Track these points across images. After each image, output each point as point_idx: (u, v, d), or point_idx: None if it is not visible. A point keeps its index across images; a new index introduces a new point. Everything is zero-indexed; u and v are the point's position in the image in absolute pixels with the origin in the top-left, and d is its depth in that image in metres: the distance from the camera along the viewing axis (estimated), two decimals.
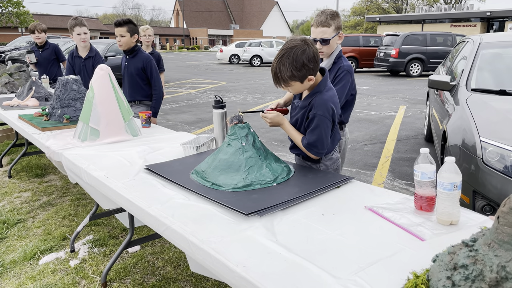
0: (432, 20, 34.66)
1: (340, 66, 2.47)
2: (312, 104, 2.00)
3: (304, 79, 1.92)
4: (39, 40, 5.40)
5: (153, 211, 1.64)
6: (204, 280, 2.51)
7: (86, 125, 2.73)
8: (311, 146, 2.05)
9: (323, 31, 2.42)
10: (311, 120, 2.00)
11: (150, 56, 3.87)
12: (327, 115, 1.98)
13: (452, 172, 1.34)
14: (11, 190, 4.02)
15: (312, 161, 2.20)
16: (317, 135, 2.01)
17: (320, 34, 2.43)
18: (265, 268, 1.20)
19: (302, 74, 1.89)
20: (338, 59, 2.51)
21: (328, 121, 2.00)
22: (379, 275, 1.14)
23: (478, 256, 0.95)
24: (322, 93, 2.00)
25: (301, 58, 1.86)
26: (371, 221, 1.49)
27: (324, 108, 1.97)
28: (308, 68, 1.89)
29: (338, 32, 2.48)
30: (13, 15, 31.62)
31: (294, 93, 2.12)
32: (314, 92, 2.01)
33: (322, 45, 2.43)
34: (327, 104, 1.98)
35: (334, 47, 2.50)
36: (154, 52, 5.15)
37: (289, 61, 1.86)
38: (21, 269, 2.64)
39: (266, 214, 1.56)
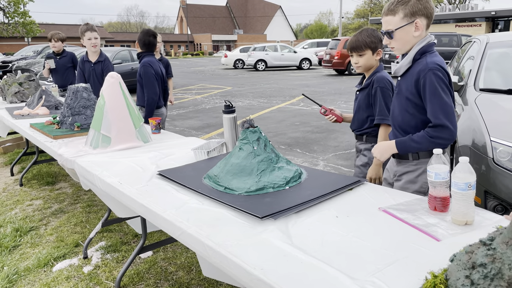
0: (436, 21, 34.53)
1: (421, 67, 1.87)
2: (373, 81, 2.46)
3: (375, 51, 2.43)
4: (56, 49, 5.45)
5: (168, 216, 1.66)
6: (217, 284, 2.52)
7: (97, 133, 2.76)
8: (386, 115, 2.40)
9: (387, 21, 1.93)
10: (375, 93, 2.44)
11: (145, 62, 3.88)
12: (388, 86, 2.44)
13: (466, 172, 1.35)
14: (23, 198, 4.06)
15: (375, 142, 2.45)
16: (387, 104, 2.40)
17: (384, 26, 1.96)
18: (282, 271, 1.21)
19: (375, 45, 2.41)
20: (421, 56, 1.91)
21: (389, 91, 2.43)
22: (396, 276, 1.15)
23: (496, 255, 0.95)
24: (381, 72, 2.48)
25: (377, 32, 2.42)
26: (385, 223, 1.49)
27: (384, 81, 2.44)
28: (380, 42, 2.41)
29: (413, 20, 1.86)
30: (19, 25, 31.96)
31: (361, 66, 2.48)
32: (374, 72, 2.49)
33: (388, 38, 1.96)
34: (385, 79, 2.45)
35: (409, 41, 1.91)
36: (163, 58, 5.18)
37: (368, 33, 2.43)
38: (35, 276, 2.67)
39: (280, 217, 1.57)
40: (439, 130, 1.83)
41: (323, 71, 21.64)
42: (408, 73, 1.95)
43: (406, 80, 1.95)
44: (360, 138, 2.65)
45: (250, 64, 23.90)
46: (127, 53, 13.26)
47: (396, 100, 2.04)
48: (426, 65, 1.84)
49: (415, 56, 1.91)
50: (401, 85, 1.99)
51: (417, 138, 1.88)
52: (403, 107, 1.97)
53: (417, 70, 1.88)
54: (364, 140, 2.63)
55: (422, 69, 1.85)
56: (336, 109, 2.73)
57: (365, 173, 2.56)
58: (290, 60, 23.81)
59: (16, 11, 31.54)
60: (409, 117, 1.95)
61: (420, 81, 1.86)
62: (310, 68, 24.19)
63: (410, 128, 1.95)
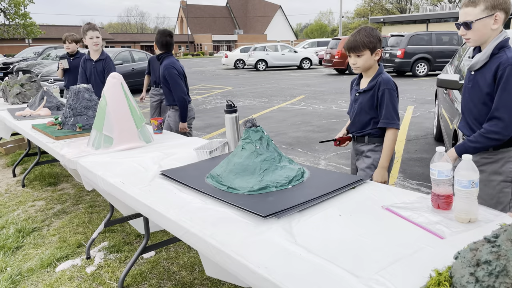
0: (436, 20, 34.54)
1: (501, 61, 1.89)
2: (379, 82, 2.33)
3: (374, 51, 2.31)
4: (69, 50, 5.43)
5: (172, 216, 1.66)
6: (220, 284, 2.52)
7: (99, 133, 2.77)
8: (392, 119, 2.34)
9: (466, 12, 1.95)
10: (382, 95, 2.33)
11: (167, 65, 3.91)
12: (394, 88, 2.36)
13: (470, 170, 1.35)
14: (25, 199, 4.06)
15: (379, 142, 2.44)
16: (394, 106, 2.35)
17: (463, 16, 1.97)
18: (287, 269, 1.22)
19: (374, 45, 2.29)
20: (499, 51, 1.93)
21: (395, 93, 2.35)
22: (401, 274, 1.15)
23: (501, 252, 0.96)
24: (384, 73, 2.37)
25: (376, 31, 2.32)
26: (389, 221, 1.49)
27: (391, 83, 2.34)
28: (379, 41, 2.31)
29: (493, 13, 1.90)
30: (20, 26, 32.02)
31: (359, 67, 2.36)
32: (378, 74, 2.37)
33: (465, 29, 1.97)
34: (391, 81, 2.34)
35: (486, 34, 1.94)
36: None
37: (366, 32, 2.30)
38: (39, 277, 2.68)
39: (283, 216, 1.57)
40: (493, 123, 1.92)
41: (323, 71, 21.64)
42: (485, 67, 1.97)
43: (483, 74, 1.98)
44: (361, 140, 2.52)
45: (250, 64, 23.91)
46: (128, 54, 13.28)
47: (470, 93, 2.07)
48: (507, 60, 1.87)
49: (494, 51, 1.93)
50: (478, 79, 2.01)
51: (473, 138, 2.01)
52: (480, 101, 2.00)
53: (497, 64, 1.90)
54: (366, 141, 2.50)
55: (503, 62, 1.88)
56: (340, 133, 2.66)
57: (371, 175, 2.43)
58: (290, 60, 23.81)
59: (16, 12, 31.61)
60: (486, 110, 1.98)
61: (498, 74, 1.89)
62: (311, 67, 24.19)
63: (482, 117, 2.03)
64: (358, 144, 2.54)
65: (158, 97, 5.25)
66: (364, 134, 2.47)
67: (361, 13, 68.89)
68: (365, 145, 2.49)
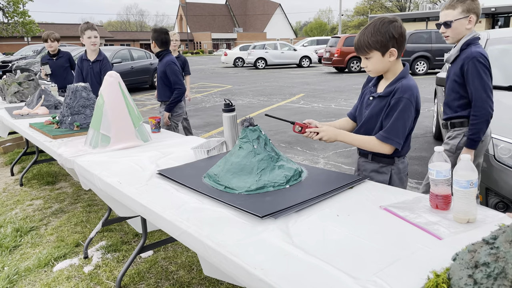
0: (436, 18, 34.46)
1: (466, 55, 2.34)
2: (396, 89, 1.87)
3: (386, 51, 1.85)
4: (52, 49, 5.45)
5: (168, 216, 1.65)
6: (218, 283, 2.51)
7: (97, 132, 2.75)
8: (394, 135, 1.87)
9: (446, 14, 2.40)
10: (395, 104, 1.86)
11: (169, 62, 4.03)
12: (413, 102, 1.86)
13: (468, 170, 1.34)
14: (23, 198, 4.05)
15: (384, 163, 2.01)
16: (402, 120, 1.85)
17: (443, 17, 2.41)
18: (283, 270, 1.20)
19: (385, 43, 1.83)
20: (467, 46, 2.37)
21: (412, 108, 1.86)
22: (398, 275, 1.14)
23: (500, 254, 0.94)
24: (408, 79, 1.89)
25: (387, 26, 1.83)
26: (387, 221, 1.48)
27: (411, 93, 1.85)
28: (393, 38, 1.83)
29: (467, 16, 2.35)
30: (19, 24, 31.94)
31: (371, 71, 1.96)
32: (398, 78, 1.91)
33: (445, 28, 2.42)
34: (413, 90, 1.86)
35: (461, 32, 2.39)
36: (180, 56, 5.45)
37: (374, 29, 1.84)
38: (36, 277, 2.66)
39: (280, 216, 1.56)
40: (478, 106, 2.32)
41: (323, 69, 21.61)
42: (456, 60, 2.42)
43: (454, 66, 2.42)
44: (365, 155, 2.10)
45: (250, 62, 23.88)
46: (127, 52, 13.25)
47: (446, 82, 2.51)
48: (471, 54, 2.30)
49: (462, 46, 2.38)
50: (451, 70, 2.45)
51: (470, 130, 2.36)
52: (451, 88, 2.46)
53: (463, 57, 2.34)
54: (369, 158, 2.07)
55: (467, 56, 2.31)
56: (313, 121, 2.02)
57: None
58: (290, 58, 23.78)
59: (15, 10, 31.52)
60: (454, 96, 2.44)
61: (465, 66, 2.32)
62: (310, 66, 24.16)
63: (455, 106, 2.46)
64: (361, 158, 2.15)
65: None
66: (368, 152, 2.06)
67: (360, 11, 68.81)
68: (368, 163, 2.09)
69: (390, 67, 1.93)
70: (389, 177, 2.01)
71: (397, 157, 2.01)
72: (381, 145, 1.92)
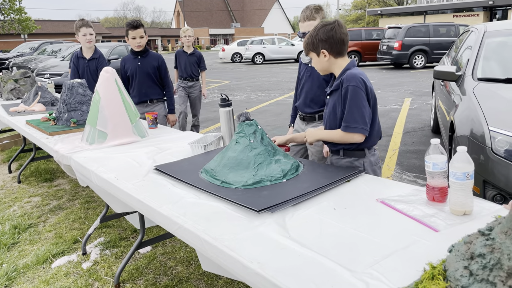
0: (434, 11, 34.42)
1: None
2: (342, 80, 2.00)
3: (319, 52, 2.04)
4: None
5: (165, 211, 1.65)
6: (216, 278, 2.52)
7: (93, 128, 2.74)
8: (353, 122, 1.94)
9: (310, 24, 2.66)
10: (345, 94, 1.97)
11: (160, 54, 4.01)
12: (361, 87, 1.94)
13: (465, 162, 1.33)
14: (21, 196, 4.04)
15: (356, 156, 2.07)
16: (356, 107, 1.93)
17: (308, 28, 2.66)
18: (280, 264, 1.20)
19: (315, 46, 2.04)
20: None
21: (362, 93, 1.94)
22: (394, 268, 1.13)
23: (495, 245, 0.94)
24: (352, 70, 2.02)
25: (318, 31, 2.03)
26: (383, 214, 1.48)
27: (356, 79, 1.95)
28: (321, 41, 2.01)
29: None
30: (15, 21, 31.76)
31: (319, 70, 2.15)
32: (344, 71, 2.03)
33: None
34: (357, 76, 1.96)
35: None
36: (196, 51, 5.54)
37: (310, 33, 2.07)
38: (34, 273, 2.66)
39: (277, 210, 1.55)
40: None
41: None
42: None
43: None
44: (336, 153, 2.14)
45: (247, 57, 23.82)
46: (124, 48, 13.19)
47: (308, 80, 2.77)
48: None
49: None
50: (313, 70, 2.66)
51: None
52: (316, 84, 2.72)
53: None
54: (341, 154, 2.11)
55: None
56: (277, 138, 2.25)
57: None
58: (287, 53, 23.72)
59: (11, 7, 31.33)
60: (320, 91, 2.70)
61: None
62: None
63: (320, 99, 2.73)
64: (333, 156, 2.18)
65: (186, 90, 5.58)
66: (338, 148, 2.11)
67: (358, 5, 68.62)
68: (341, 159, 2.12)
69: (331, 65, 2.07)
70: (363, 170, 2.03)
71: (367, 149, 2.07)
72: (348, 135, 1.98)
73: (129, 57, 3.96)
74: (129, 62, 3.93)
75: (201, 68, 5.64)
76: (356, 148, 2.06)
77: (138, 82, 3.94)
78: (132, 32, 3.74)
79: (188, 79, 5.53)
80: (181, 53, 5.53)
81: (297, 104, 2.93)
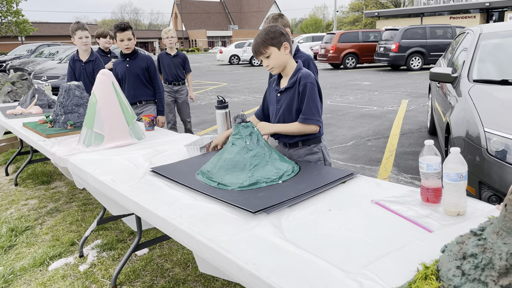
0: (431, 13, 34.54)
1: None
2: (299, 78, 2.16)
3: (281, 45, 2.13)
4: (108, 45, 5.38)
5: (161, 213, 1.65)
6: (213, 280, 2.52)
7: (90, 131, 2.75)
8: (311, 115, 2.15)
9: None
10: (303, 90, 2.14)
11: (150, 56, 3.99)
12: (315, 84, 2.17)
13: (458, 163, 1.35)
14: (18, 198, 4.04)
15: (314, 143, 2.27)
16: (314, 101, 2.15)
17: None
18: (275, 265, 1.21)
19: (277, 40, 2.12)
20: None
21: (316, 89, 2.17)
22: (388, 268, 1.14)
23: (487, 245, 0.95)
24: (302, 69, 2.21)
25: (275, 28, 2.14)
26: (378, 215, 1.49)
27: (311, 77, 2.16)
28: (282, 35, 2.13)
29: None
30: (12, 24, 31.72)
31: (274, 68, 2.20)
32: (297, 70, 2.20)
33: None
34: (312, 76, 2.17)
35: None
36: (179, 53, 5.24)
37: (265, 31, 2.14)
38: (31, 276, 2.66)
39: (273, 212, 1.56)
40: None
41: (318, 66, 21.58)
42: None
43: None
44: (295, 145, 2.28)
45: (245, 59, 23.86)
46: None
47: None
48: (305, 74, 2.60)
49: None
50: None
51: None
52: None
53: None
54: (300, 145, 2.27)
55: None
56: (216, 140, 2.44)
57: None
58: None
59: (8, 10, 31.28)
60: None
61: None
62: None
63: None
64: (291, 149, 2.30)
65: (172, 95, 5.31)
66: (296, 140, 2.26)
67: (355, 7, 68.81)
68: (300, 149, 2.28)
69: (288, 61, 2.20)
70: (322, 155, 2.29)
71: (321, 136, 2.30)
72: (306, 127, 2.17)
73: (119, 60, 3.99)
74: (119, 65, 3.97)
75: (186, 70, 5.34)
76: (313, 136, 2.26)
77: (128, 84, 3.95)
78: (120, 35, 3.74)
79: (173, 82, 5.24)
80: (164, 56, 5.21)
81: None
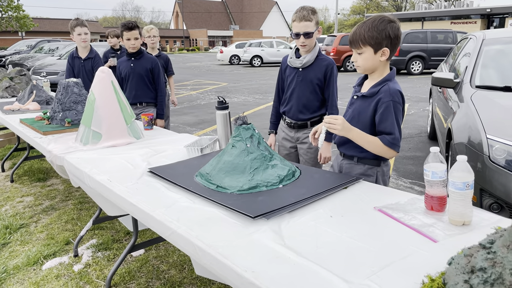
0: (432, 18, 34.58)
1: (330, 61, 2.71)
2: (383, 91, 1.85)
3: (379, 49, 1.82)
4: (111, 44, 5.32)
5: (158, 215, 1.61)
6: (210, 283, 2.48)
7: (88, 129, 2.70)
8: (395, 140, 1.84)
9: (306, 25, 2.55)
10: (387, 108, 1.83)
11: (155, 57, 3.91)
12: (402, 104, 1.86)
13: (464, 171, 1.31)
14: (14, 195, 3.99)
15: (370, 164, 1.98)
16: (398, 124, 1.85)
17: (304, 28, 2.56)
18: (275, 273, 1.17)
19: (379, 41, 1.80)
20: (321, 54, 2.73)
21: (401, 110, 1.87)
22: (392, 279, 1.11)
23: (497, 259, 0.92)
24: (394, 83, 1.88)
25: (385, 25, 1.81)
26: (381, 223, 1.45)
27: (398, 95, 1.85)
28: (388, 38, 1.80)
29: (318, 27, 2.63)
30: (13, 19, 31.59)
31: (360, 67, 1.91)
32: (384, 80, 1.88)
33: (305, 38, 2.59)
34: (400, 93, 1.86)
35: (314, 42, 2.69)
36: (161, 54, 4.93)
37: (373, 24, 1.81)
38: (25, 275, 2.62)
39: (273, 217, 1.52)
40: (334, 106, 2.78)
41: None
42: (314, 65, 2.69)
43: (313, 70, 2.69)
44: (350, 158, 2.04)
45: (245, 60, 23.82)
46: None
47: (301, 85, 2.73)
48: (333, 61, 2.71)
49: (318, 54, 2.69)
50: (308, 74, 2.70)
51: None
52: (309, 90, 2.71)
53: (325, 63, 2.68)
54: (355, 161, 2.01)
55: (330, 63, 2.69)
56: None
57: None
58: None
59: (9, 5, 31.16)
60: (314, 97, 2.73)
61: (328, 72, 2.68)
62: None
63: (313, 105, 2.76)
64: (344, 160, 2.08)
65: None
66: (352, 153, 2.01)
67: (357, 10, 68.87)
68: (354, 165, 2.03)
69: (379, 67, 1.89)
70: (375, 180, 1.98)
71: (383, 160, 1.99)
72: (386, 149, 1.86)
73: (124, 59, 3.93)
74: (123, 64, 3.90)
75: (169, 73, 5.00)
76: (372, 157, 1.95)
77: (130, 83, 3.88)
78: (127, 34, 3.69)
79: None
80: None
81: (285, 110, 2.83)
